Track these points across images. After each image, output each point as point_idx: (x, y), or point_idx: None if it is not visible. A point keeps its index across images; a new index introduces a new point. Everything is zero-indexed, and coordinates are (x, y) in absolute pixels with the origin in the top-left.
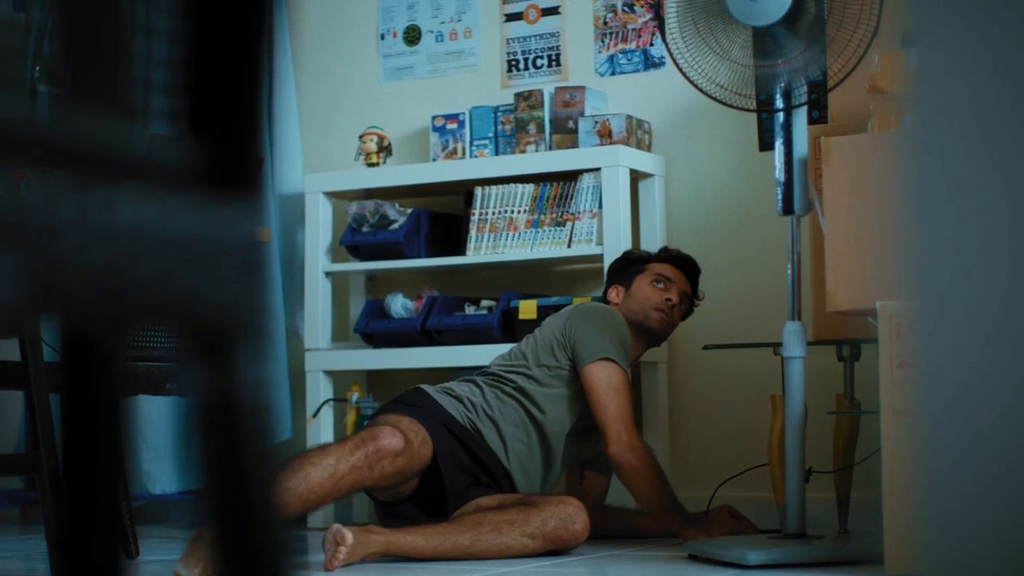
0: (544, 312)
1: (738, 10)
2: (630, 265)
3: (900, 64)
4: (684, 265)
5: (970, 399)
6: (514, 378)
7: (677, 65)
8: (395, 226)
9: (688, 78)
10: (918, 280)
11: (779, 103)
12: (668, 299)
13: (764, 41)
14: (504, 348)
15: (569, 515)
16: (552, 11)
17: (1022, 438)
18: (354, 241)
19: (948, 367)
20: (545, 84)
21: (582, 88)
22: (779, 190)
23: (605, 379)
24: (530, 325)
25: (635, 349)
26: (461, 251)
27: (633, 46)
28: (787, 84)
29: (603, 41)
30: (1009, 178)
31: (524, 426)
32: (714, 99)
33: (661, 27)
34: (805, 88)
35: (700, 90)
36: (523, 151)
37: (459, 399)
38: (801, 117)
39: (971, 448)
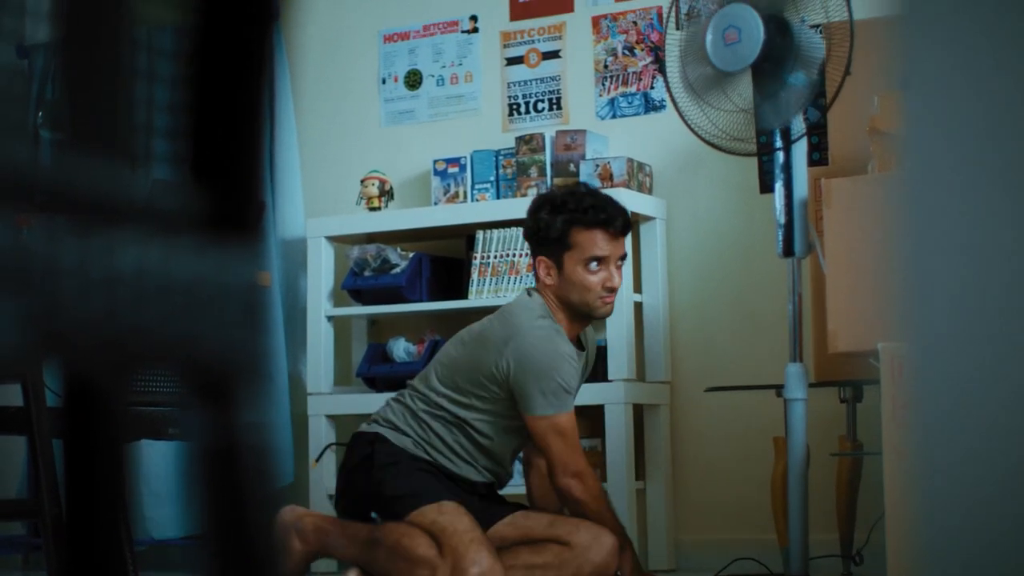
0: None
1: (715, 56)
2: (554, 240)
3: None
4: (615, 226)
5: (967, 437)
6: (451, 407)
7: (679, 112)
8: (397, 270)
9: (689, 126)
10: (914, 320)
11: (777, 142)
12: (609, 286)
13: (752, 84)
14: None
15: (605, 558)
16: (553, 55)
17: (1020, 477)
18: (356, 285)
19: (945, 406)
20: (546, 128)
21: (583, 131)
22: (780, 232)
23: (550, 427)
24: None
25: (574, 329)
26: (463, 295)
27: (634, 89)
28: (785, 124)
29: (604, 84)
30: (1002, 218)
31: (475, 449)
32: (714, 146)
33: (662, 70)
34: (803, 126)
35: (702, 139)
36: (525, 195)
37: (418, 441)
38: (801, 159)
39: (970, 488)
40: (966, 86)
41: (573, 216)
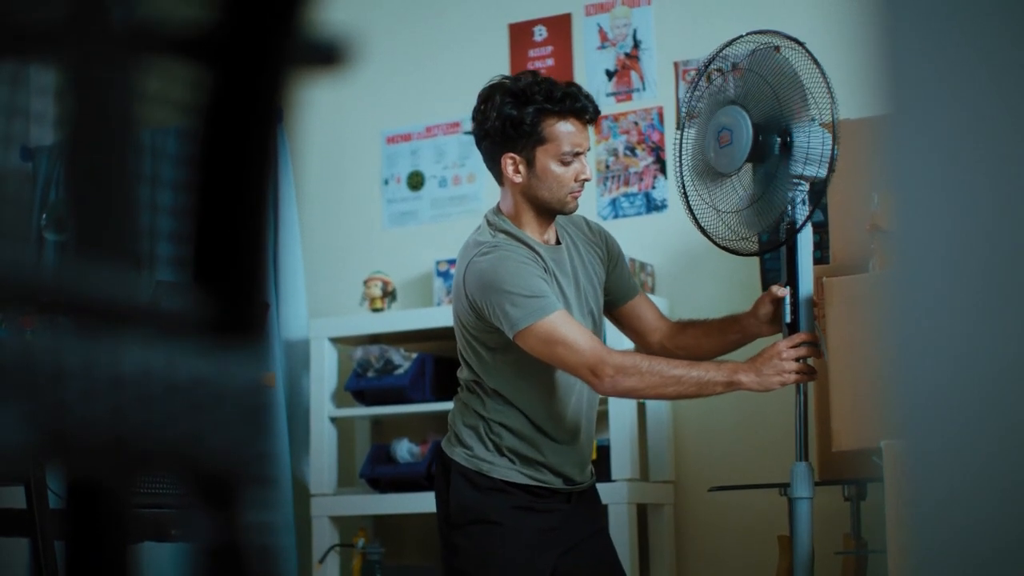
0: None
1: (710, 158)
2: (525, 135)
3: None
4: (588, 113)
5: (966, 534)
6: (480, 375)
7: (692, 214)
8: (400, 371)
9: (700, 227)
10: (909, 417)
11: (782, 235)
12: (584, 178)
13: (750, 184)
14: None
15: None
16: None
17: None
18: (359, 386)
19: (943, 504)
20: None
21: None
22: (785, 331)
23: (540, 343)
24: None
25: (542, 226)
26: None
27: (635, 189)
28: (790, 223)
29: (605, 184)
30: (994, 311)
31: (524, 418)
32: (727, 249)
33: (676, 171)
34: (804, 214)
35: (716, 243)
36: None
37: (481, 438)
38: (806, 257)
39: None
40: (956, 180)
41: (544, 107)
